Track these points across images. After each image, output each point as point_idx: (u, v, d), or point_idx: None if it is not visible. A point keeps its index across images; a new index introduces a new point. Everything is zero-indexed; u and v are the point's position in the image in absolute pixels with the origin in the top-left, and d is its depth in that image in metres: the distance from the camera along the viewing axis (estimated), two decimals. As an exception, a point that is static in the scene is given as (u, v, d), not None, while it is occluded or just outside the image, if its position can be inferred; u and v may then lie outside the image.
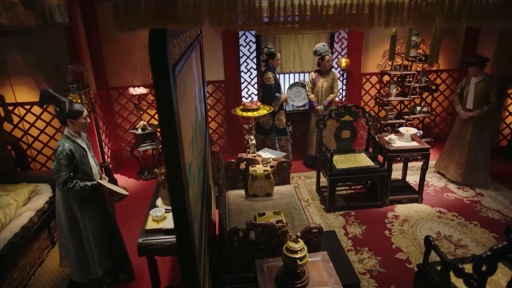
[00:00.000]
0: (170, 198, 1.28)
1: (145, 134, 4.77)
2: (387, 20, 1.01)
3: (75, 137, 2.61)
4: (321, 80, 4.81)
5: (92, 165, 2.69)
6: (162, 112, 1.14)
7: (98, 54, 4.89)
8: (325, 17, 1.00)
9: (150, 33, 1.05)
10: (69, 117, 2.52)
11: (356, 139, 4.51)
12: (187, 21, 0.95)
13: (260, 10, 0.96)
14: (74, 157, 2.53)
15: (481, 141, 4.38)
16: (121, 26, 0.97)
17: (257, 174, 3.15)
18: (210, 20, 0.94)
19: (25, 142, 4.63)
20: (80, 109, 2.55)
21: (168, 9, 0.94)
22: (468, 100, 4.39)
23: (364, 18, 1.00)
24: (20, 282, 2.67)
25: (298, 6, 0.98)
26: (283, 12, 0.99)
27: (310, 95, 4.89)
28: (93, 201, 2.70)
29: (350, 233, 3.71)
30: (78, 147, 2.58)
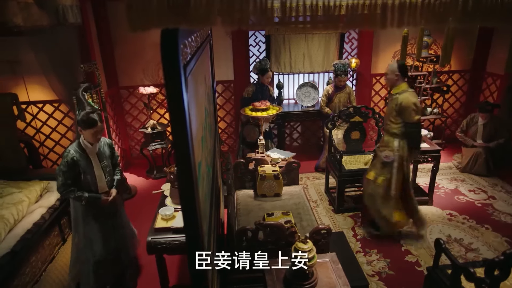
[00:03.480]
0: (180, 197, 1.28)
1: (155, 133, 4.81)
2: (400, 20, 1.01)
3: (86, 146, 2.57)
4: (337, 95, 4.80)
5: (98, 177, 2.63)
6: (173, 111, 1.15)
7: (109, 53, 4.94)
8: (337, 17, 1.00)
9: (162, 33, 1.06)
10: (79, 125, 2.51)
11: (365, 140, 4.47)
12: (199, 21, 0.96)
13: (272, 10, 0.96)
14: (77, 166, 2.52)
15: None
16: (133, 26, 0.98)
17: (266, 174, 3.15)
18: (222, 20, 0.94)
19: (37, 140, 4.70)
20: (92, 122, 2.49)
21: (180, 9, 0.95)
22: (477, 137, 4.90)
23: (376, 18, 0.99)
24: (31, 278, 2.72)
25: (310, 6, 0.98)
26: (295, 12, 0.99)
27: (325, 108, 4.86)
28: (97, 213, 2.67)
29: (359, 234, 3.68)
30: (84, 157, 2.55)
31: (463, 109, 5.98)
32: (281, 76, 5.58)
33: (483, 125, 4.83)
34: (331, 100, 4.85)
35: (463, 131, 5.05)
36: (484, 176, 4.79)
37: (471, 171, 4.88)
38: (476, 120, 4.90)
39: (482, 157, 4.78)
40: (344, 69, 4.61)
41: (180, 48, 1.13)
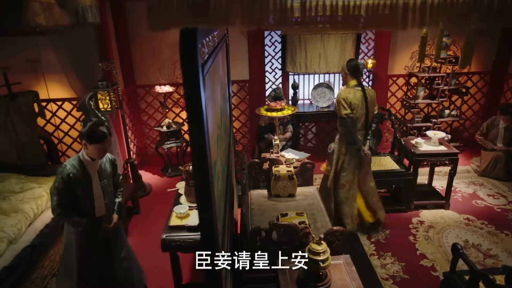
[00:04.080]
0: (196, 196, 1.29)
1: (170, 131, 4.86)
2: (421, 20, 0.98)
3: (87, 162, 2.27)
4: None
5: (96, 198, 2.32)
6: (191, 110, 1.16)
7: (127, 52, 5.02)
8: (357, 18, 0.98)
9: (181, 32, 1.07)
10: (84, 138, 2.20)
11: (381, 141, 4.42)
12: (218, 20, 0.96)
13: (291, 10, 0.95)
14: (73, 184, 2.21)
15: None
16: (154, 26, 0.99)
17: (280, 174, 3.15)
18: (242, 20, 0.94)
19: (56, 137, 4.81)
20: (100, 135, 2.20)
21: (200, 9, 0.95)
22: (497, 140, 4.79)
23: (397, 19, 0.98)
24: (50, 271, 2.78)
25: (330, 6, 0.97)
26: (314, 12, 0.98)
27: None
28: (94, 241, 2.39)
29: (373, 237, 3.64)
30: (83, 174, 2.24)
31: (483, 111, 5.85)
32: (296, 76, 5.56)
33: (505, 128, 4.71)
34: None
35: (482, 134, 4.94)
36: (504, 180, 4.67)
37: (490, 175, 4.77)
38: (497, 123, 4.80)
39: (502, 161, 4.66)
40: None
41: (199, 48, 1.14)
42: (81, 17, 3.36)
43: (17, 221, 2.71)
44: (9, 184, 3.22)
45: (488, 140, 4.86)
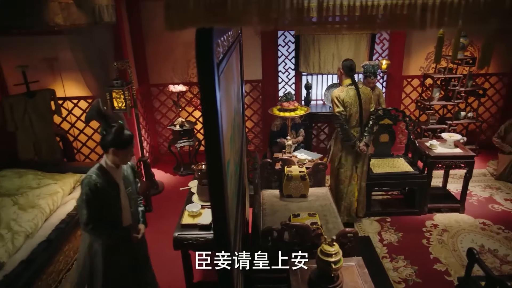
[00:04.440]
0: (210, 195, 1.30)
1: (183, 130, 4.89)
2: (440, 20, 0.97)
3: (112, 169, 2.18)
4: None
5: (124, 207, 2.24)
6: (206, 109, 1.16)
7: (141, 51, 5.07)
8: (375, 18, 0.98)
9: (197, 32, 1.07)
10: (113, 145, 2.11)
11: (394, 143, 4.37)
12: (235, 20, 0.97)
13: (308, 10, 0.95)
14: (99, 194, 2.10)
15: None
16: (171, 25, 1.00)
17: (292, 174, 3.14)
18: (258, 20, 0.95)
19: (72, 135, 4.89)
20: (128, 139, 2.15)
21: (217, 9, 0.96)
22: None
23: (415, 19, 0.97)
24: (64, 266, 2.83)
25: (347, 6, 0.97)
26: (331, 12, 0.98)
27: None
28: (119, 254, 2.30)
29: (385, 239, 3.60)
30: (108, 183, 2.15)
31: (500, 113, 5.72)
32: (309, 76, 5.54)
33: None
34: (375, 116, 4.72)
35: (500, 136, 4.81)
36: (522, 185, 4.57)
37: (508, 179, 4.66)
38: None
39: (520, 164, 4.56)
40: (373, 70, 4.50)
41: (214, 47, 1.15)
42: (97, 16, 3.41)
43: (34, 216, 2.77)
44: (27, 180, 3.29)
45: (506, 143, 4.74)
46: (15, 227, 2.60)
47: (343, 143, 3.52)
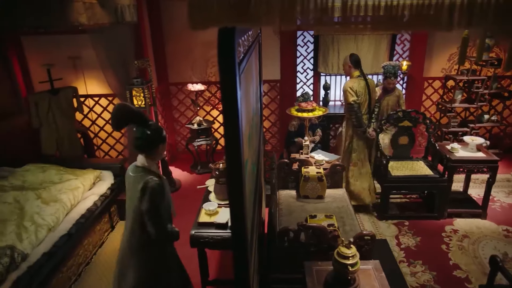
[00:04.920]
0: (229, 194, 1.30)
1: (200, 129, 4.93)
2: (468, 21, 0.95)
3: (155, 166, 2.16)
4: (386, 98, 4.61)
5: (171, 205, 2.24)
6: (227, 108, 1.17)
7: (161, 50, 5.14)
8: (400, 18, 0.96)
9: (220, 31, 1.08)
10: (162, 140, 2.10)
11: (414, 146, 4.29)
12: (258, 20, 0.96)
13: (332, 9, 0.94)
14: (166, 194, 2.12)
15: None
16: (194, 24, 1.01)
17: (309, 175, 3.12)
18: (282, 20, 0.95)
19: (92, 131, 5.00)
20: (164, 134, 2.14)
21: (240, 8, 0.96)
22: None
23: (442, 19, 0.94)
24: (84, 260, 2.90)
25: (372, 6, 0.95)
26: (356, 12, 0.97)
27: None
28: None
29: (403, 243, 3.54)
30: (164, 183, 2.13)
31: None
32: (328, 77, 5.49)
33: None
34: (379, 103, 4.68)
35: None
36: (548, 191, 4.41)
37: (533, 185, 4.52)
38: None
39: (546, 170, 4.40)
40: (393, 71, 4.43)
41: (236, 46, 1.15)
42: (119, 16, 3.47)
43: (55, 210, 2.84)
44: (49, 175, 3.38)
45: None
46: (39, 220, 2.68)
47: (355, 130, 3.88)
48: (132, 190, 2.08)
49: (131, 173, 2.11)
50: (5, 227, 2.49)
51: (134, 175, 2.08)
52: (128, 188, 2.13)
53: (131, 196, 2.09)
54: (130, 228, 2.12)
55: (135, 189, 2.04)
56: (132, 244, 2.14)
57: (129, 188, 2.12)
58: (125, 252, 2.19)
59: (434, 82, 5.36)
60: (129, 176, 2.12)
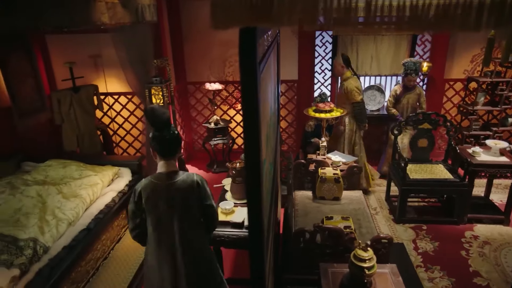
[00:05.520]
0: (247, 193, 1.31)
1: (217, 128, 4.96)
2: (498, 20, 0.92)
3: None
4: (406, 96, 4.55)
5: None
6: (246, 108, 1.17)
7: (179, 50, 5.19)
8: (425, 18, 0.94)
9: (241, 31, 1.08)
10: (180, 144, 2.09)
11: (433, 149, 4.20)
12: (280, 20, 0.96)
13: (356, 10, 0.93)
14: None
15: None
16: (216, 24, 1.01)
17: (326, 176, 3.10)
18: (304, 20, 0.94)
19: (111, 129, 5.09)
20: None
21: (263, 8, 0.96)
22: None
23: (470, 19, 0.92)
24: (102, 254, 2.95)
25: (397, 6, 0.94)
26: (380, 13, 0.95)
27: (392, 109, 4.62)
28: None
29: (421, 248, 3.47)
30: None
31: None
32: (346, 77, 5.44)
33: None
34: (399, 101, 4.61)
35: None
36: None
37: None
38: None
39: None
40: (415, 67, 4.35)
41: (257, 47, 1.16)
42: (140, 15, 3.52)
43: (75, 205, 2.90)
44: (70, 170, 3.45)
45: None
46: (59, 214, 2.74)
47: (358, 125, 4.30)
48: (180, 196, 1.99)
49: (168, 181, 1.97)
50: (28, 220, 2.56)
51: (175, 180, 1.98)
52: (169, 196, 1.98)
53: (182, 203, 2.00)
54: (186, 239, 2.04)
55: (187, 192, 1.99)
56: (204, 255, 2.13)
57: (169, 196, 1.98)
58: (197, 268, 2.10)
59: (456, 84, 5.24)
60: (166, 186, 1.97)
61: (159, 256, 2.03)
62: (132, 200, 2.02)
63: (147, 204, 1.97)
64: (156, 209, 1.98)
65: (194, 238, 2.08)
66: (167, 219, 2.00)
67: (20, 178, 3.23)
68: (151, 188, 1.97)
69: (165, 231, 2.01)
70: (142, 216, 2.02)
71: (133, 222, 2.05)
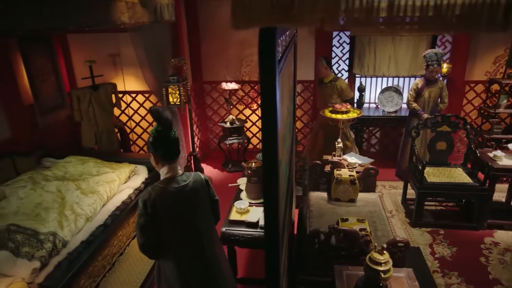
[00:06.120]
0: (264, 193, 1.31)
1: (233, 128, 4.97)
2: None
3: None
4: (427, 90, 4.44)
5: None
6: (265, 107, 1.17)
7: (196, 49, 5.23)
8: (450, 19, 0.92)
9: (261, 31, 1.08)
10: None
11: (452, 152, 4.11)
12: (301, 20, 0.96)
13: (378, 10, 0.92)
14: None
15: None
16: (237, 23, 1.02)
17: (342, 178, 3.07)
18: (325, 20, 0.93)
19: (129, 127, 5.17)
20: None
21: (284, 9, 0.96)
22: None
23: (497, 19, 0.90)
24: (118, 250, 3.00)
25: (420, 6, 0.92)
26: (402, 13, 0.94)
27: (413, 104, 4.49)
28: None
29: (437, 253, 3.41)
30: None
31: None
32: (363, 78, 5.38)
33: None
34: (420, 95, 4.48)
35: None
36: None
37: None
38: None
39: None
40: (436, 58, 4.22)
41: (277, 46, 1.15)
42: (159, 15, 3.56)
43: (93, 201, 2.96)
44: (88, 167, 3.52)
45: None
46: (78, 209, 2.80)
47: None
48: (196, 197, 2.01)
49: (180, 184, 1.96)
50: (48, 215, 2.62)
51: (187, 182, 1.98)
52: (187, 198, 1.98)
53: (198, 202, 2.02)
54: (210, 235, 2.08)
55: (200, 191, 2.02)
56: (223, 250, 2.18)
57: (186, 197, 1.98)
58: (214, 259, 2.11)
59: (477, 86, 5.12)
60: (181, 189, 1.96)
61: (183, 261, 1.99)
62: (143, 213, 1.86)
63: (165, 211, 1.89)
64: (176, 214, 1.94)
65: (214, 235, 2.12)
66: (189, 221, 1.99)
67: (41, 174, 3.32)
68: (165, 194, 1.90)
69: (188, 234, 1.99)
70: (156, 227, 1.91)
71: (145, 236, 1.89)
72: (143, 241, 1.90)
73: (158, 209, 1.86)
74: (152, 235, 1.91)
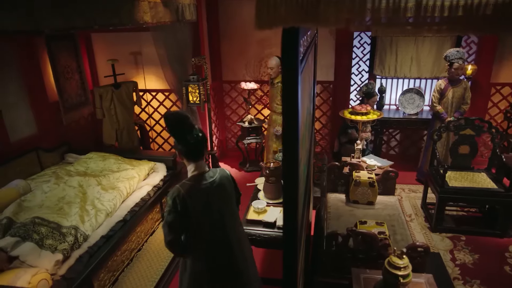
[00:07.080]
0: (284, 193, 1.31)
1: (251, 127, 4.98)
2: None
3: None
4: (451, 90, 4.30)
5: None
6: (287, 106, 1.17)
7: (216, 49, 5.26)
8: (481, 19, 0.89)
9: (284, 31, 1.08)
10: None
11: (475, 156, 4.00)
12: (326, 20, 0.95)
13: (405, 9, 0.90)
14: None
15: None
16: (261, 23, 1.02)
17: (360, 180, 3.03)
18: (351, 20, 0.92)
19: (148, 125, 5.25)
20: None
21: (309, 9, 0.95)
22: None
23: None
24: (136, 246, 3.06)
25: (449, 6, 0.90)
26: (430, 13, 0.92)
27: (437, 106, 4.33)
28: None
29: (458, 259, 3.32)
30: None
31: None
32: (384, 80, 5.30)
33: None
34: (443, 96, 4.33)
35: None
36: None
37: None
38: None
39: None
40: (459, 55, 4.09)
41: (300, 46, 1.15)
42: (180, 14, 3.60)
43: (113, 197, 3.03)
44: (109, 163, 3.60)
45: None
46: (98, 205, 2.87)
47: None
48: (225, 192, 2.04)
49: (208, 181, 1.97)
50: (70, 209, 2.70)
51: (214, 178, 2.00)
52: (217, 194, 1.99)
53: (225, 198, 2.05)
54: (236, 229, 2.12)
55: (227, 186, 2.05)
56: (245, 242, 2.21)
57: (215, 193, 1.98)
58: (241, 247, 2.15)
59: (503, 89, 4.96)
60: (209, 185, 1.97)
61: (211, 256, 2.01)
62: (173, 210, 1.86)
63: (195, 208, 1.90)
64: (205, 210, 1.95)
65: (242, 228, 2.19)
66: (219, 217, 2.00)
67: (64, 169, 3.41)
68: (194, 191, 1.91)
69: (219, 229, 2.01)
70: (184, 224, 1.91)
71: (173, 233, 1.90)
72: (171, 238, 1.90)
73: (187, 206, 1.87)
74: (180, 232, 1.94)
